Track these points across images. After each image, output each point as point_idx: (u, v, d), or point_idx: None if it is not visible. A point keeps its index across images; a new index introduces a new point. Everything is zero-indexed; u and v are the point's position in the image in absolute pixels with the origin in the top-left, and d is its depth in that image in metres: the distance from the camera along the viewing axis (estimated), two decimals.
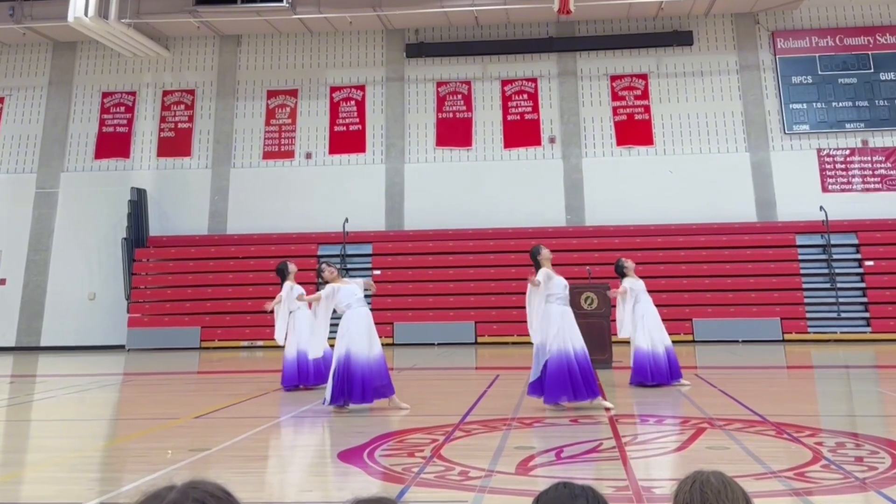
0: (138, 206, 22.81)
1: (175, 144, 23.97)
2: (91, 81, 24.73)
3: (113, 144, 24.05)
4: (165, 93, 24.45)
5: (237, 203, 23.29)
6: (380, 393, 8.55)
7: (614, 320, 14.10)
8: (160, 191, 23.49)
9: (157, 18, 22.92)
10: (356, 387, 8.39)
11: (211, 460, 6.03)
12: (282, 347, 11.23)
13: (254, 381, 13.11)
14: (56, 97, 24.56)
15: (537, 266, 8.85)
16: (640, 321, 10.66)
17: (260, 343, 20.84)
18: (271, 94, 24.12)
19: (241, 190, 23.37)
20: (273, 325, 11.26)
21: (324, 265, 9.24)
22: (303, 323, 10.93)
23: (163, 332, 21.47)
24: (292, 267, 11.59)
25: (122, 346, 21.61)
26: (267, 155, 23.68)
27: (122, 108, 24.36)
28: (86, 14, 20.61)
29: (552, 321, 8.47)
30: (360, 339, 8.54)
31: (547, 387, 8.32)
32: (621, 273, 11.05)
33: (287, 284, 11.28)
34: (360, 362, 8.44)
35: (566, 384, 8.25)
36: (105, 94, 24.54)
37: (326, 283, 9.02)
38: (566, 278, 8.97)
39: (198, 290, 21.90)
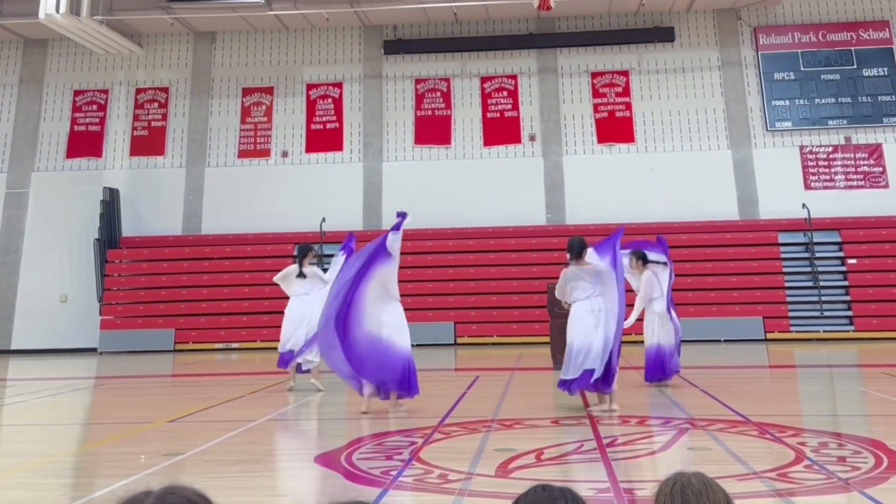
0: (111, 206, 22.40)
1: (148, 143, 23.55)
2: (62, 79, 24.29)
3: (85, 143, 23.61)
4: (139, 91, 24.03)
5: (212, 203, 22.92)
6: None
7: None
8: (133, 191, 23.08)
9: (130, 15, 22.51)
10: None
11: (185, 465, 5.91)
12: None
13: (229, 384, 12.92)
14: (26, 95, 24.09)
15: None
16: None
17: (235, 345, 20.55)
18: (247, 91, 23.75)
19: (215, 189, 22.99)
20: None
21: None
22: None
23: (136, 335, 21.09)
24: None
25: (94, 349, 21.20)
26: (242, 154, 23.30)
27: (95, 107, 23.93)
28: (57, 11, 20.21)
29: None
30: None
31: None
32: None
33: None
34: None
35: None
36: (77, 93, 24.09)
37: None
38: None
39: (172, 292, 21.50)
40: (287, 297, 11.02)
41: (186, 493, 1.54)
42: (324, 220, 21.61)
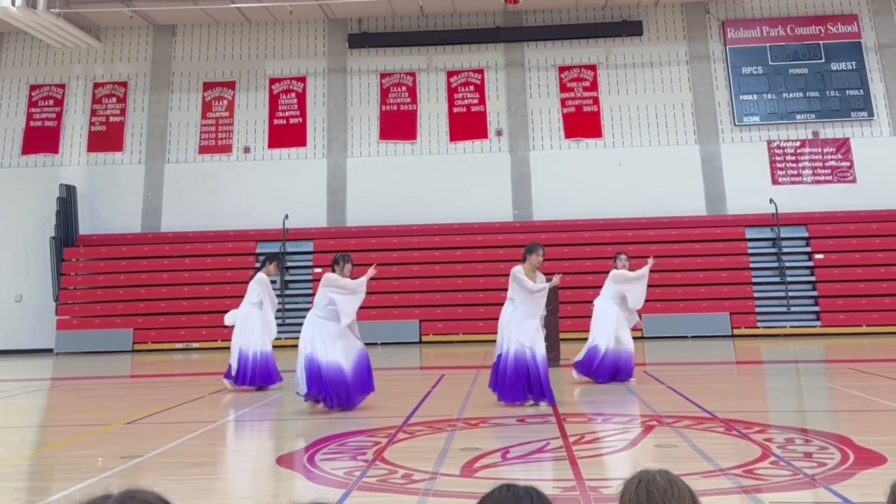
0: (67, 203, 21.91)
1: (106, 139, 23.02)
2: (18, 74, 23.71)
3: (41, 139, 23.05)
4: (96, 85, 23.49)
5: (172, 200, 22.45)
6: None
7: (563, 317, 13.91)
8: (91, 187, 22.56)
9: (88, 8, 22.02)
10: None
11: (144, 467, 5.90)
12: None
13: (189, 384, 12.90)
14: None
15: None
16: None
17: (196, 345, 20.15)
18: (207, 86, 23.30)
19: (175, 186, 22.53)
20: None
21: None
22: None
23: (93, 335, 20.60)
24: None
25: (50, 350, 20.70)
26: (203, 149, 22.85)
27: (51, 102, 23.36)
28: (13, 3, 19.77)
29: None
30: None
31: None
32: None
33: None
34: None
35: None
36: (33, 87, 23.52)
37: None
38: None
39: (130, 291, 21.04)
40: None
41: (146, 496, 1.53)
42: (287, 216, 21.26)
